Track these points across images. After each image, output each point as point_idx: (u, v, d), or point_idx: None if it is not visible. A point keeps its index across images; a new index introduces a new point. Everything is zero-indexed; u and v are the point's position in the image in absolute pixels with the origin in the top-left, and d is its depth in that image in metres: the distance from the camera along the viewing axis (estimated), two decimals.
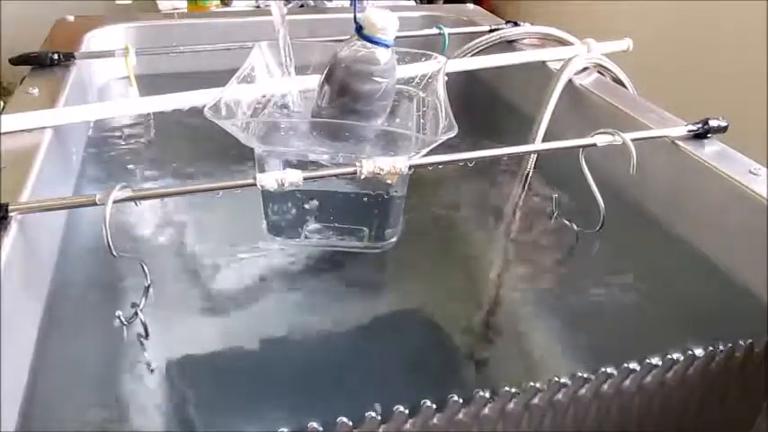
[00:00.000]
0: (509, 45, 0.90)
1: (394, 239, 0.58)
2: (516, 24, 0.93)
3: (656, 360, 0.43)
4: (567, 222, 0.61)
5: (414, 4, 1.38)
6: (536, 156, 0.69)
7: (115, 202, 0.44)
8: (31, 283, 0.47)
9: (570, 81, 0.75)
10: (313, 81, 0.57)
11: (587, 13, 1.78)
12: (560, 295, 0.55)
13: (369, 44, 0.52)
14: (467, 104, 0.88)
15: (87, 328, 0.48)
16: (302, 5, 1.43)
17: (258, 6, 1.46)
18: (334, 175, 0.50)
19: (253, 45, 0.61)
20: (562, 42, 0.88)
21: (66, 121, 0.62)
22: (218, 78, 0.55)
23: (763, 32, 1.30)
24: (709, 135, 0.62)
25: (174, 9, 1.43)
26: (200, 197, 0.60)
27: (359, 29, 0.52)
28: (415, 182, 0.58)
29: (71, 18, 0.92)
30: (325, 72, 0.54)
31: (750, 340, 0.45)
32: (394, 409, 0.37)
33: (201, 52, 0.85)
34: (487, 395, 0.39)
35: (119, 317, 0.47)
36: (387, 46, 0.52)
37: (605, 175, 0.59)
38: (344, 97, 0.52)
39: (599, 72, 0.79)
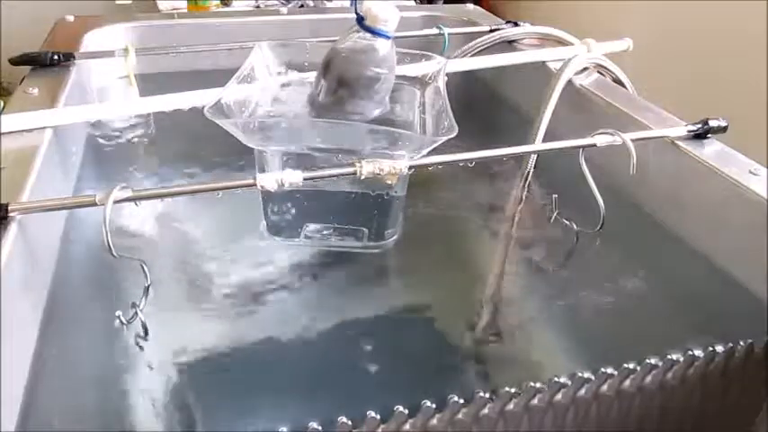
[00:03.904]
0: (509, 45, 0.90)
1: (393, 240, 0.58)
2: (516, 24, 0.93)
3: (655, 360, 0.43)
4: (566, 222, 0.61)
5: (414, 4, 1.38)
6: (536, 156, 0.69)
7: (115, 202, 0.44)
8: (31, 283, 0.47)
9: (570, 81, 0.75)
10: (313, 77, 0.57)
11: (587, 13, 1.78)
12: (560, 295, 0.55)
13: (369, 35, 0.52)
14: (467, 104, 0.88)
15: (87, 328, 0.48)
16: (302, 5, 1.43)
17: (258, 6, 1.46)
18: (335, 176, 0.50)
19: (253, 45, 0.61)
20: (562, 42, 0.88)
21: (66, 121, 0.62)
22: (218, 78, 0.55)
23: (763, 33, 1.30)
24: (708, 135, 0.62)
25: (173, 9, 1.43)
26: (200, 197, 0.60)
27: (360, 20, 0.52)
28: (415, 182, 0.58)
29: (71, 18, 0.92)
30: (323, 63, 0.54)
31: (750, 340, 0.45)
32: (394, 409, 0.37)
33: (201, 52, 0.85)
34: (487, 395, 0.39)
35: (119, 317, 0.47)
36: (387, 37, 0.53)
37: (605, 175, 0.59)
38: (342, 87, 0.53)
39: (599, 72, 0.79)
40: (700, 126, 0.62)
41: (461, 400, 0.39)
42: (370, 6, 0.52)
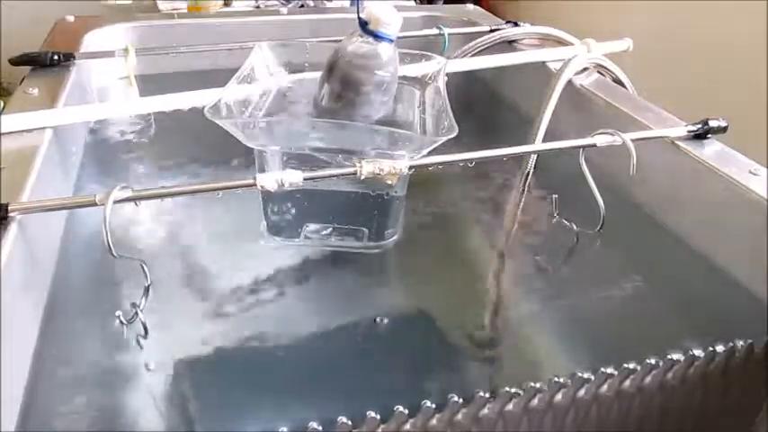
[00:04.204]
0: (509, 45, 0.90)
1: (393, 240, 0.58)
2: (516, 24, 0.93)
3: (655, 360, 0.43)
4: (566, 222, 0.61)
5: (414, 4, 1.38)
6: (536, 156, 0.69)
7: (115, 202, 0.44)
8: (31, 283, 0.47)
9: (570, 81, 0.75)
10: (313, 77, 0.57)
11: (587, 13, 1.78)
12: (560, 295, 0.55)
13: (372, 39, 0.52)
14: (467, 104, 0.88)
15: (87, 328, 0.48)
16: (302, 5, 1.43)
17: (258, 6, 1.45)
18: (335, 176, 0.50)
19: (253, 45, 0.61)
20: (562, 43, 0.88)
21: (67, 121, 0.62)
22: (218, 78, 0.55)
23: (763, 33, 1.30)
24: (708, 135, 0.62)
25: (173, 9, 1.43)
26: (200, 197, 0.60)
27: (363, 24, 0.52)
28: (415, 182, 0.58)
29: (71, 18, 0.92)
30: (327, 66, 0.54)
31: (750, 340, 0.45)
32: (394, 409, 0.37)
33: (201, 52, 0.85)
34: (487, 395, 0.39)
35: (119, 317, 0.47)
36: (390, 41, 0.53)
37: (605, 175, 0.59)
38: (346, 91, 0.53)
39: (599, 72, 0.79)
40: (700, 126, 0.62)
41: (461, 400, 0.39)
42: (372, 10, 0.52)
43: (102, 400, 0.43)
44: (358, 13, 0.52)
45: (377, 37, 0.52)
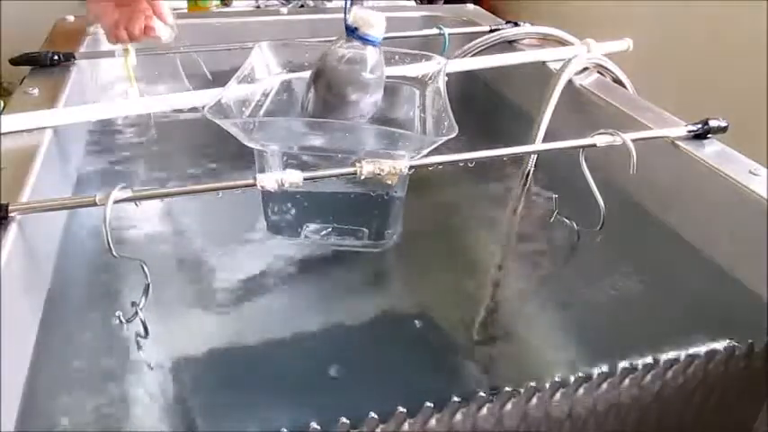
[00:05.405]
0: (509, 45, 0.90)
1: (393, 240, 0.58)
2: (516, 24, 0.93)
3: (656, 360, 0.43)
4: (567, 222, 0.61)
5: (414, 4, 1.38)
6: (536, 156, 0.69)
7: (115, 202, 0.44)
8: (31, 283, 0.47)
9: (570, 81, 0.75)
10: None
11: (587, 13, 1.78)
12: (560, 295, 0.55)
13: (358, 43, 0.52)
14: (467, 104, 0.88)
15: (87, 327, 0.48)
16: (302, 5, 1.43)
17: (258, 6, 1.45)
18: (335, 176, 0.50)
19: (253, 45, 0.61)
20: (562, 42, 0.88)
21: (67, 121, 0.62)
22: (219, 78, 0.55)
23: (763, 33, 1.31)
24: (708, 135, 0.62)
25: (174, 9, 1.43)
26: (200, 197, 0.60)
27: (352, 30, 0.52)
28: (415, 182, 0.58)
29: (71, 18, 0.92)
30: (314, 71, 0.54)
31: (750, 340, 0.45)
32: (394, 409, 0.37)
33: (202, 52, 0.85)
34: (487, 395, 0.39)
35: (119, 317, 0.47)
36: (375, 44, 0.53)
37: (605, 175, 0.59)
38: (332, 96, 0.53)
39: (599, 72, 0.79)
40: (700, 126, 0.62)
41: (461, 401, 0.39)
42: (358, 14, 0.52)
43: (101, 399, 0.43)
44: (345, 18, 0.53)
45: (363, 40, 0.53)
